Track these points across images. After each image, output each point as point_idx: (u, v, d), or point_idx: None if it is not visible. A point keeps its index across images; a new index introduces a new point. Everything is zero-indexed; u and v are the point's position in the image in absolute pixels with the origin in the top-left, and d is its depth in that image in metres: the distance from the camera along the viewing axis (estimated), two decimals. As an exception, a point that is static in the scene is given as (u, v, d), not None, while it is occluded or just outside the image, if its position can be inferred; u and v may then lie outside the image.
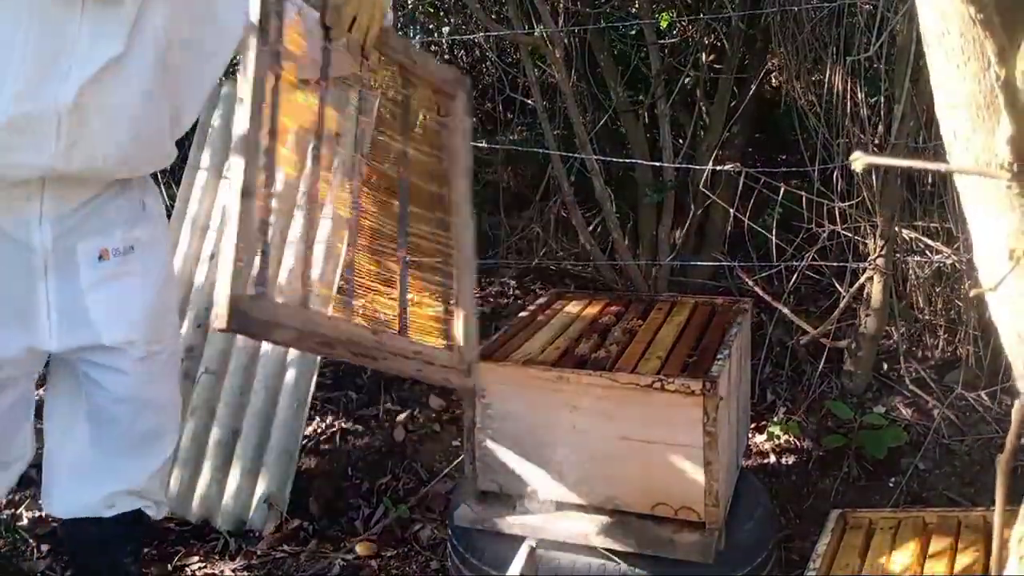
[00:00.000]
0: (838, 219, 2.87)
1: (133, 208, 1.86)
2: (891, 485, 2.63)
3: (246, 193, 1.49)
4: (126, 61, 1.68)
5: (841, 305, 2.81)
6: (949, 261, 2.89)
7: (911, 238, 2.91)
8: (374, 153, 1.79)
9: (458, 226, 1.81)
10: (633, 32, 3.78)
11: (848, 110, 2.86)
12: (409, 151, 1.82)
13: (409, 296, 1.70)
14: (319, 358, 2.70)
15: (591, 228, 3.50)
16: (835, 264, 2.94)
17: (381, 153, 1.81)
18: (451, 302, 1.75)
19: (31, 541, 2.52)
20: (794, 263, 2.90)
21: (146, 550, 2.51)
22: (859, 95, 2.84)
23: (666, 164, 3.26)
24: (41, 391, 2.09)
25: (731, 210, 3.15)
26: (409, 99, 1.85)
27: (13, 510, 2.62)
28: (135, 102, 1.71)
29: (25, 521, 2.62)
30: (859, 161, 0.64)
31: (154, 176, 1.99)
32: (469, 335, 1.73)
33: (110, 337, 1.80)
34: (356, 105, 1.73)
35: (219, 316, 1.42)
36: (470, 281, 1.79)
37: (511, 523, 1.95)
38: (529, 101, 3.58)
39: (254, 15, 1.57)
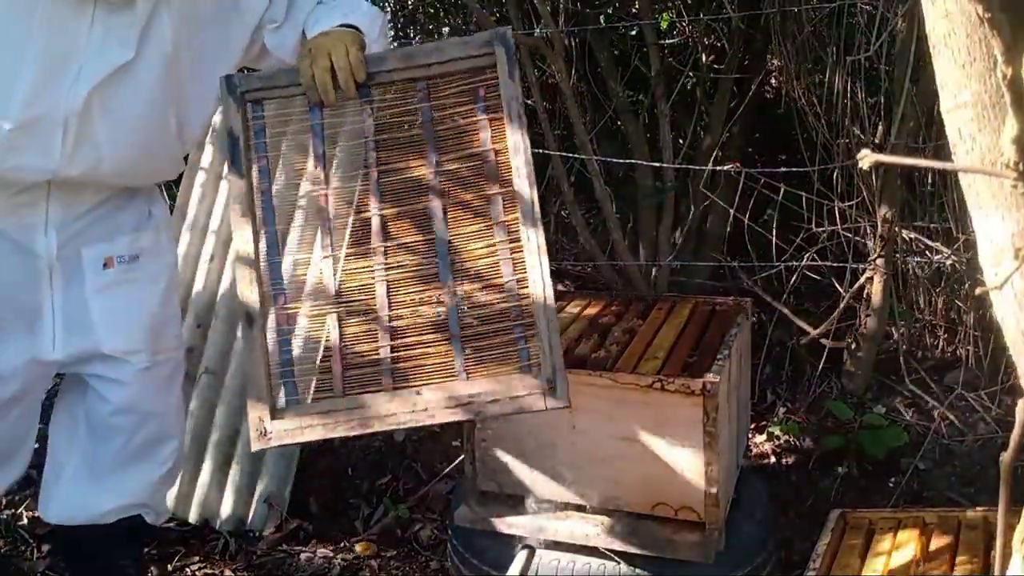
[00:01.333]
0: (838, 219, 2.87)
1: (139, 216, 1.86)
2: (891, 485, 2.62)
3: (250, 323, 1.58)
4: (135, 67, 1.69)
5: (841, 305, 2.81)
6: (949, 261, 2.89)
7: (911, 238, 2.91)
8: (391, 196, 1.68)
9: (522, 218, 1.59)
10: (633, 32, 3.78)
11: (848, 110, 2.86)
12: (434, 174, 1.66)
13: (465, 332, 1.57)
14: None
15: (591, 228, 3.49)
16: (835, 264, 2.94)
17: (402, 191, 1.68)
18: (522, 317, 1.57)
19: (31, 541, 2.52)
20: (794, 263, 2.90)
21: (146, 550, 2.51)
22: (859, 95, 2.84)
23: (666, 164, 3.25)
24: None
25: (731, 210, 3.15)
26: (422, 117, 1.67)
27: (13, 510, 2.62)
28: (141, 109, 1.72)
29: (25, 521, 2.61)
30: (866, 159, 0.64)
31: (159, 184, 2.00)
32: (549, 347, 1.54)
33: (110, 346, 1.80)
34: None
35: (252, 439, 1.55)
36: (544, 281, 1.57)
37: (511, 523, 1.95)
38: (529, 101, 3.57)
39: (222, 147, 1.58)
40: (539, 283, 1.55)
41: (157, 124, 1.76)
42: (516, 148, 1.62)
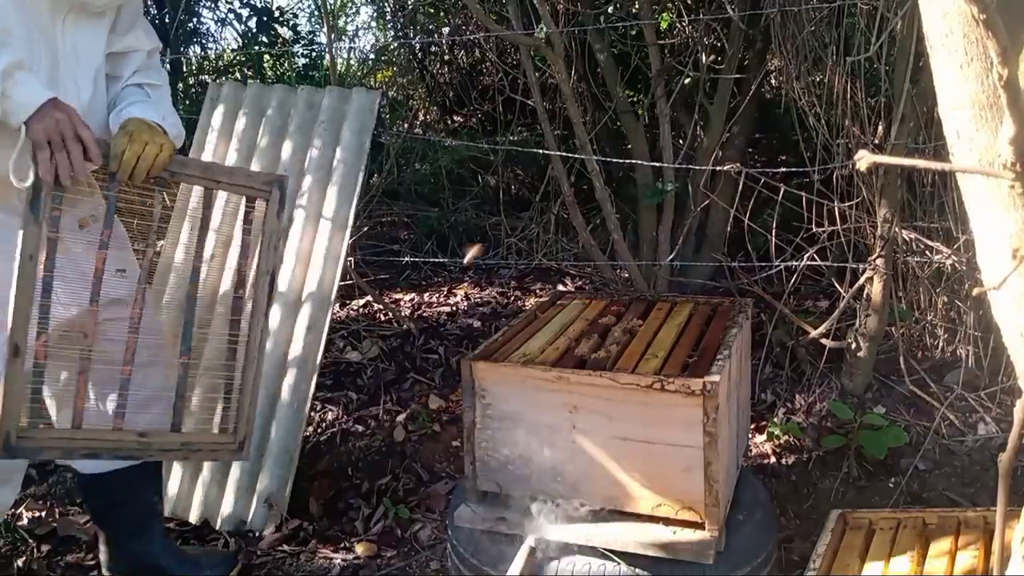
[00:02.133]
0: (838, 219, 2.87)
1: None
2: (891, 485, 2.62)
3: (16, 353, 1.78)
4: (100, 72, 1.93)
5: (841, 305, 2.81)
6: (949, 261, 2.89)
7: (911, 238, 2.91)
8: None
9: (253, 327, 2.03)
10: (633, 32, 3.78)
11: (848, 110, 2.86)
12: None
13: (189, 394, 2.09)
14: (319, 359, 2.70)
15: (591, 228, 3.50)
16: (835, 264, 2.94)
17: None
18: (232, 392, 2.02)
19: (31, 541, 2.52)
20: (794, 263, 2.90)
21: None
22: (859, 95, 2.84)
23: (666, 164, 3.26)
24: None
25: (731, 210, 3.15)
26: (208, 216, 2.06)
27: (13, 510, 2.62)
28: (106, 108, 1.96)
29: (25, 521, 2.62)
30: (864, 160, 0.64)
31: None
32: (244, 418, 2.01)
33: (115, 293, 1.98)
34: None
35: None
36: (253, 373, 2.02)
37: (511, 523, 1.95)
38: (529, 102, 3.58)
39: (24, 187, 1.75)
40: (251, 372, 2.00)
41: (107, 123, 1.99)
42: (264, 271, 2.05)
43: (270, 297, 2.07)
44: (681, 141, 3.56)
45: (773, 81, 4.01)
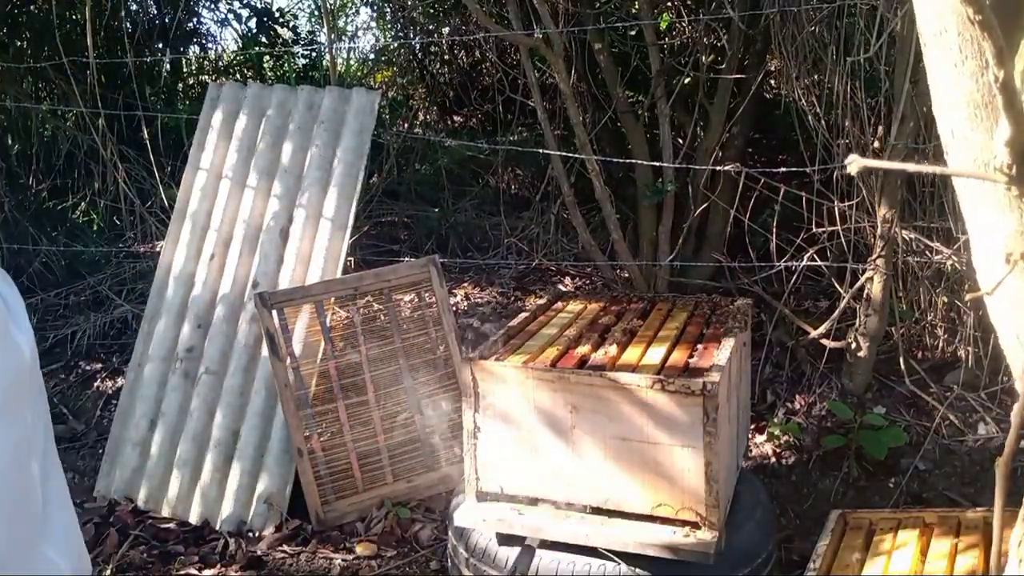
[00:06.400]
0: (838, 219, 2.86)
1: None
2: (891, 485, 2.62)
3: (300, 455, 2.58)
4: None
5: (841, 305, 2.81)
6: (949, 261, 2.88)
7: (911, 238, 2.91)
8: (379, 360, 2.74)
9: (456, 366, 2.70)
10: (633, 32, 3.78)
11: (848, 110, 2.85)
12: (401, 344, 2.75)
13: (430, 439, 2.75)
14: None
15: (591, 228, 3.50)
16: (835, 264, 2.94)
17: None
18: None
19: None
20: (794, 263, 2.89)
21: (143, 548, 2.51)
22: (859, 95, 2.84)
23: (666, 164, 3.25)
24: None
25: (731, 210, 3.14)
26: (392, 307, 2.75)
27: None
28: None
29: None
30: (854, 164, 0.64)
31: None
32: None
33: None
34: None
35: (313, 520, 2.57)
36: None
37: (511, 523, 1.95)
38: (529, 102, 3.57)
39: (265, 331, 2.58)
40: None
41: None
42: (450, 329, 2.76)
43: (461, 347, 2.75)
44: (681, 141, 3.56)
45: (773, 81, 4.00)
